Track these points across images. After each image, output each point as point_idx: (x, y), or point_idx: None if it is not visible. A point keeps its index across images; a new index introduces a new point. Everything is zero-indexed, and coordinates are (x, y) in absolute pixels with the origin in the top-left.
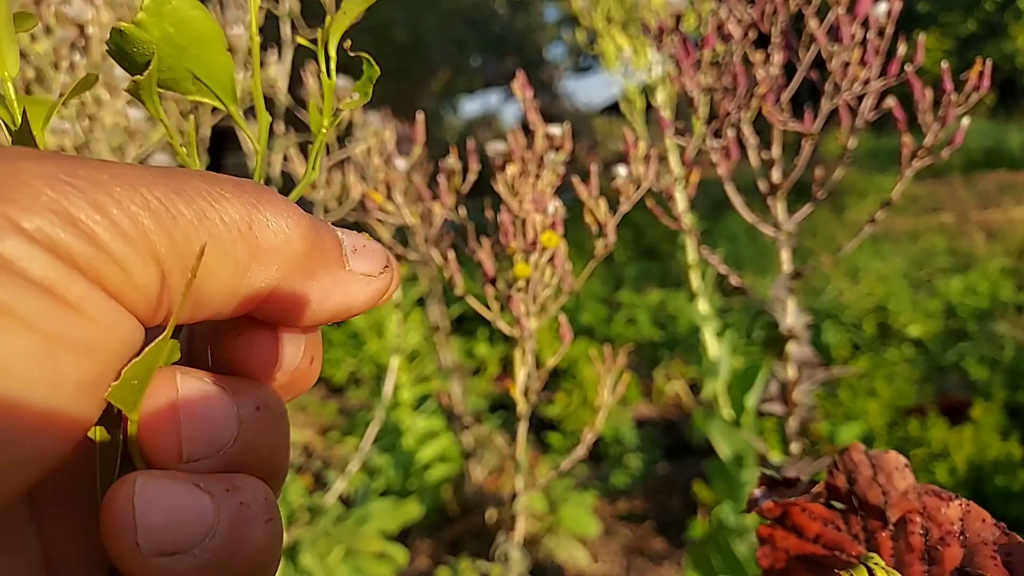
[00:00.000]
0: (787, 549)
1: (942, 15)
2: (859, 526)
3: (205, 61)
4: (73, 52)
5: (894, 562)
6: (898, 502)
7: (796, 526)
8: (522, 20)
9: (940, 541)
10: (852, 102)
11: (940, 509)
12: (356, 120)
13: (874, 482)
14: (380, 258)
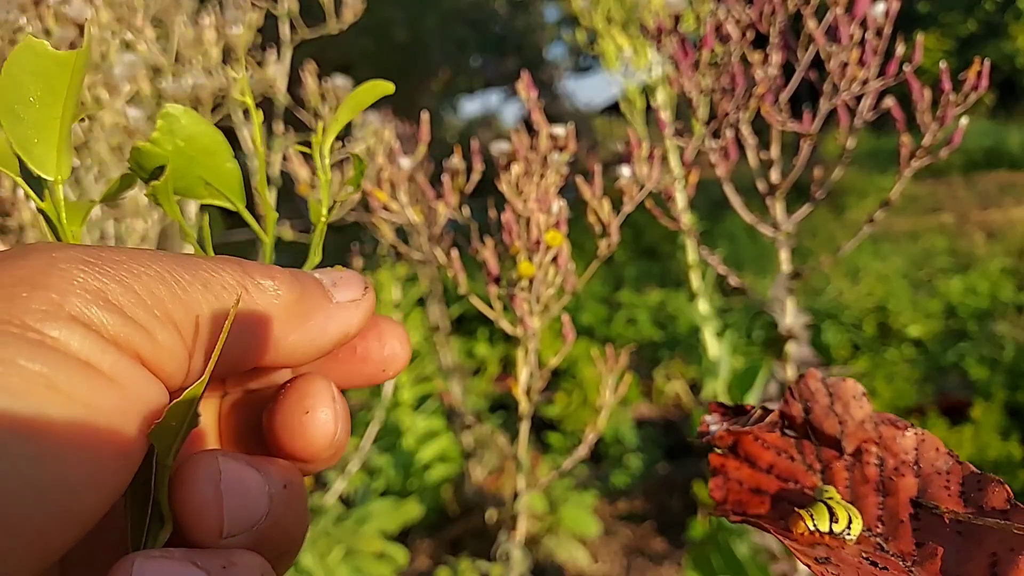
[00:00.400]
0: (740, 480)
1: (942, 15)
2: (814, 456)
3: (214, 168)
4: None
5: (849, 493)
6: (854, 432)
7: (749, 456)
8: (522, 20)
9: (895, 471)
10: (851, 102)
11: (895, 439)
12: (356, 120)
13: (831, 411)
14: (358, 283)
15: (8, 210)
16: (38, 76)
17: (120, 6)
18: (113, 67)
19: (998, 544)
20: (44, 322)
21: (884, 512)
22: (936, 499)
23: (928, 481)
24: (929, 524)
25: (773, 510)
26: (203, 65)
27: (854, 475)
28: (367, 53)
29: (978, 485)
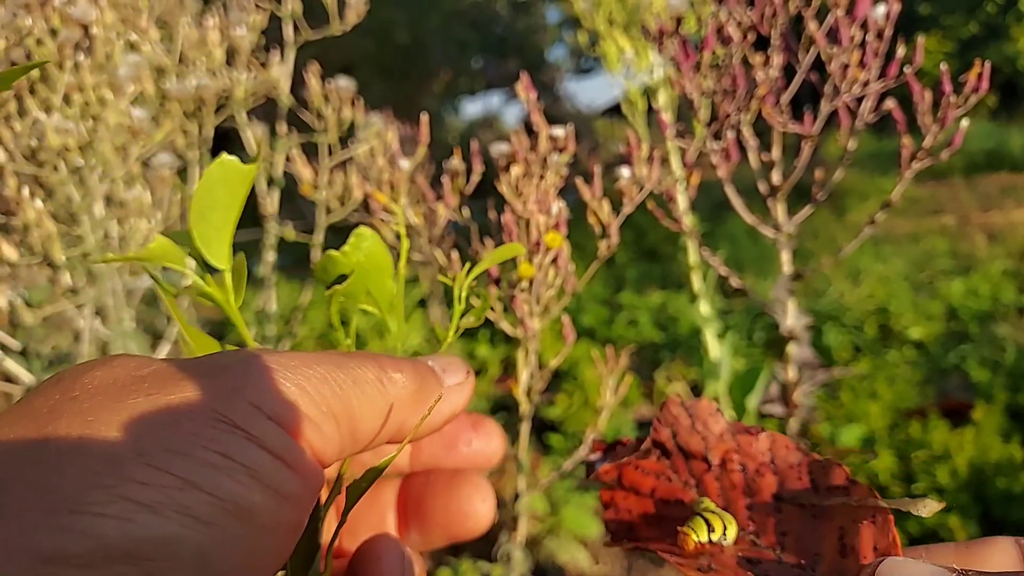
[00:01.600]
0: (629, 509)
1: (943, 17)
2: (687, 472)
3: (379, 282)
4: (77, 52)
5: (723, 500)
6: (716, 445)
7: (633, 485)
8: (524, 22)
9: (756, 473)
10: (852, 104)
11: (751, 444)
12: (358, 121)
13: (693, 430)
14: (461, 368)
15: (13, 209)
16: (225, 184)
17: (125, 7)
18: (118, 68)
19: (843, 519)
20: (250, 421)
21: (753, 511)
22: (792, 488)
23: (784, 475)
24: (789, 515)
25: (660, 531)
26: (207, 66)
27: (723, 483)
28: (368, 54)
29: (823, 471)
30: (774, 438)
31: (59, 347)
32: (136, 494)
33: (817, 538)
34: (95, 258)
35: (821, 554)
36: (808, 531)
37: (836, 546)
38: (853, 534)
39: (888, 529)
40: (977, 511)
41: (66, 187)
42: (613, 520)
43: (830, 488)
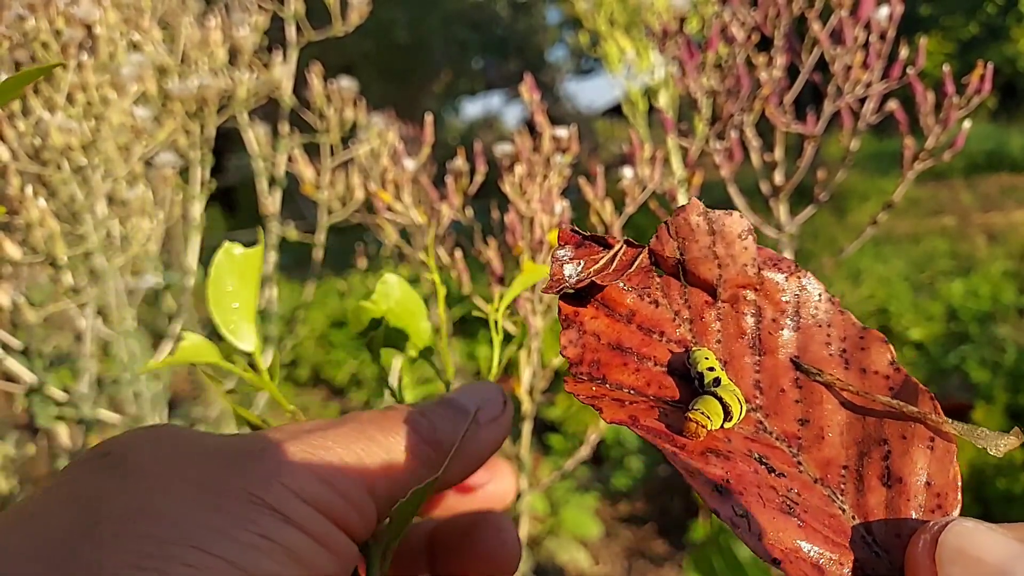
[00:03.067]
0: (597, 333)
1: (944, 18)
2: (681, 300)
3: (413, 325)
4: (81, 52)
5: (721, 350)
6: (734, 277)
7: (607, 300)
8: (524, 22)
9: (772, 324)
10: (854, 105)
11: (777, 284)
12: (360, 121)
13: (710, 252)
14: (498, 401)
15: (16, 208)
16: (234, 273)
17: (127, 7)
18: (121, 67)
19: (890, 430)
20: (286, 504)
21: (761, 376)
22: (816, 360)
23: (808, 336)
24: (811, 395)
25: (630, 374)
26: (209, 66)
27: (726, 328)
28: (369, 55)
29: (861, 342)
30: (806, 281)
31: (60, 347)
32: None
33: (854, 447)
34: (139, 368)
35: (858, 474)
36: (841, 432)
37: (880, 469)
38: (902, 457)
39: (950, 463)
40: (977, 512)
41: (69, 186)
42: (575, 344)
43: (866, 370)
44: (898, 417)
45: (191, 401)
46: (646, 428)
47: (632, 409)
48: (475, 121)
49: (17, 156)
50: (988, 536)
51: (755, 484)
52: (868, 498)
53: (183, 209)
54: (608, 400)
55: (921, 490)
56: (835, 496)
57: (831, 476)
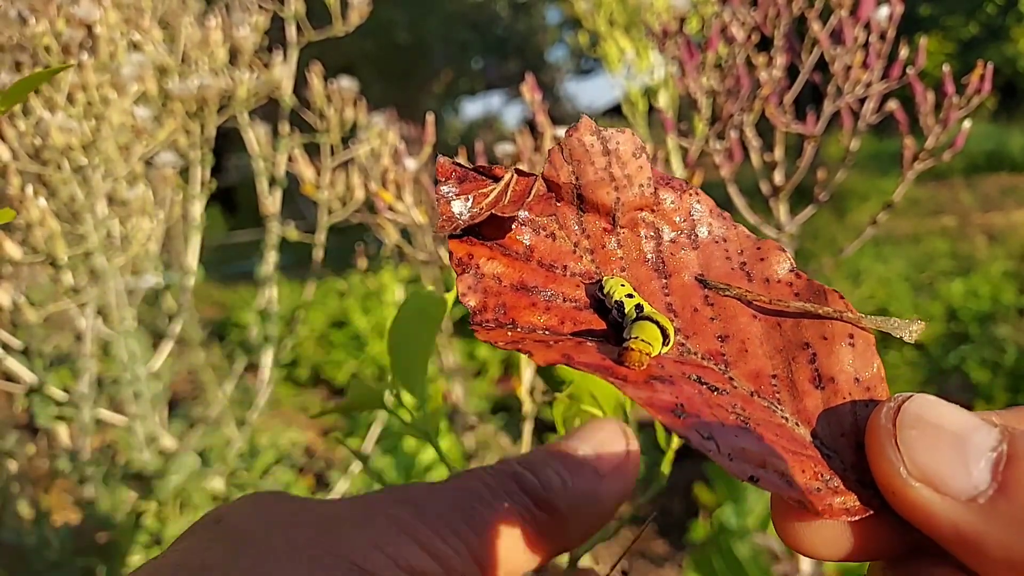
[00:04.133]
0: (497, 276)
1: (944, 18)
2: (578, 230)
3: (599, 385)
4: (81, 52)
5: (628, 277)
6: (632, 200)
7: (501, 240)
8: (524, 23)
9: (673, 244)
10: (854, 105)
11: (676, 203)
12: (360, 121)
13: (607, 175)
14: (618, 443)
15: (17, 208)
16: (422, 317)
17: (128, 7)
18: (121, 67)
19: (811, 334)
20: (383, 570)
21: (672, 298)
22: (719, 275)
23: (708, 253)
24: (724, 310)
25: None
26: (210, 66)
27: (628, 253)
28: (369, 55)
29: (758, 253)
30: (699, 198)
31: (60, 347)
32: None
33: (777, 356)
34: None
35: (789, 381)
36: (760, 342)
37: (809, 372)
38: (828, 356)
39: (871, 355)
40: None
41: (69, 186)
42: (475, 290)
43: (769, 281)
44: (814, 318)
45: (191, 401)
46: (584, 363)
47: (561, 348)
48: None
49: (18, 156)
50: (948, 408)
51: (705, 404)
52: (805, 403)
53: (183, 209)
54: (531, 342)
55: (852, 386)
56: (774, 406)
57: (764, 387)
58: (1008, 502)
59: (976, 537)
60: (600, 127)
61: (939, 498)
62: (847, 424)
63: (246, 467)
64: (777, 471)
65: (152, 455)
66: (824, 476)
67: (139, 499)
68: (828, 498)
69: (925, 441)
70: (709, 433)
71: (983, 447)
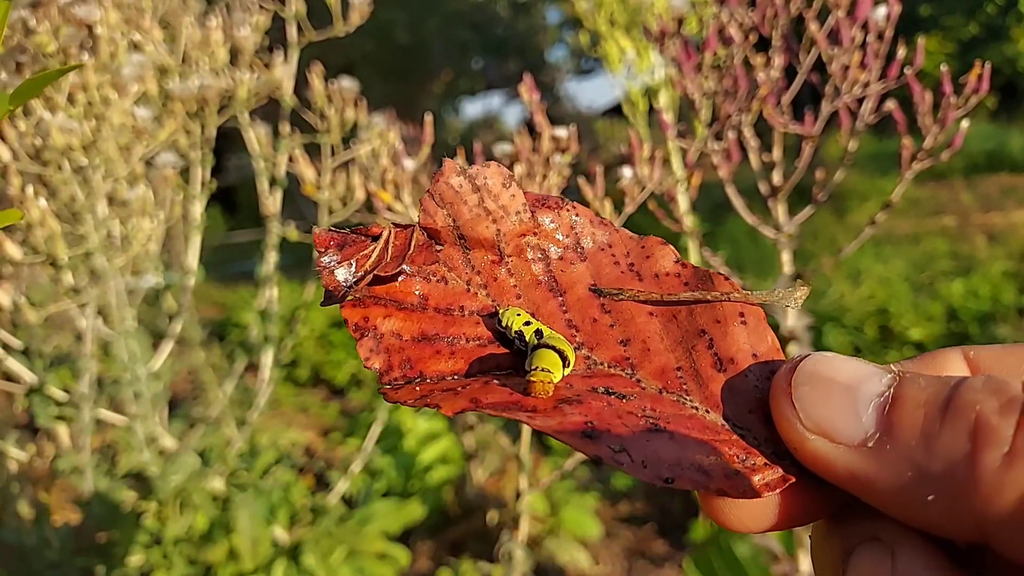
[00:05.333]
0: (397, 332)
1: (944, 18)
2: (466, 267)
3: None
4: (81, 52)
5: (526, 303)
6: (513, 228)
7: (393, 295)
8: (524, 23)
9: (561, 261)
10: (852, 105)
11: (553, 222)
12: (361, 121)
13: (482, 210)
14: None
15: (17, 208)
16: None
17: (128, 7)
18: (121, 67)
19: (704, 321)
20: None
21: (570, 313)
22: (612, 281)
23: (597, 262)
24: (621, 315)
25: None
26: (210, 66)
27: (520, 280)
28: (369, 55)
29: (643, 251)
30: (577, 211)
31: (60, 347)
32: None
33: (678, 348)
34: None
35: (693, 370)
36: (660, 338)
37: (710, 358)
38: (723, 338)
39: (763, 329)
40: None
41: (70, 186)
42: (377, 352)
43: (659, 276)
44: (704, 303)
45: (191, 401)
46: (492, 405)
47: (468, 392)
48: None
49: (18, 156)
50: (843, 361)
51: (615, 416)
52: (711, 388)
53: (183, 209)
54: (439, 393)
55: (751, 363)
56: (683, 398)
57: (671, 382)
58: (893, 441)
59: (869, 478)
60: (464, 167)
61: (833, 447)
62: (752, 399)
63: (246, 467)
64: (692, 465)
65: (152, 455)
66: (740, 457)
67: (139, 499)
68: (747, 478)
69: (818, 394)
70: (620, 445)
71: (872, 393)
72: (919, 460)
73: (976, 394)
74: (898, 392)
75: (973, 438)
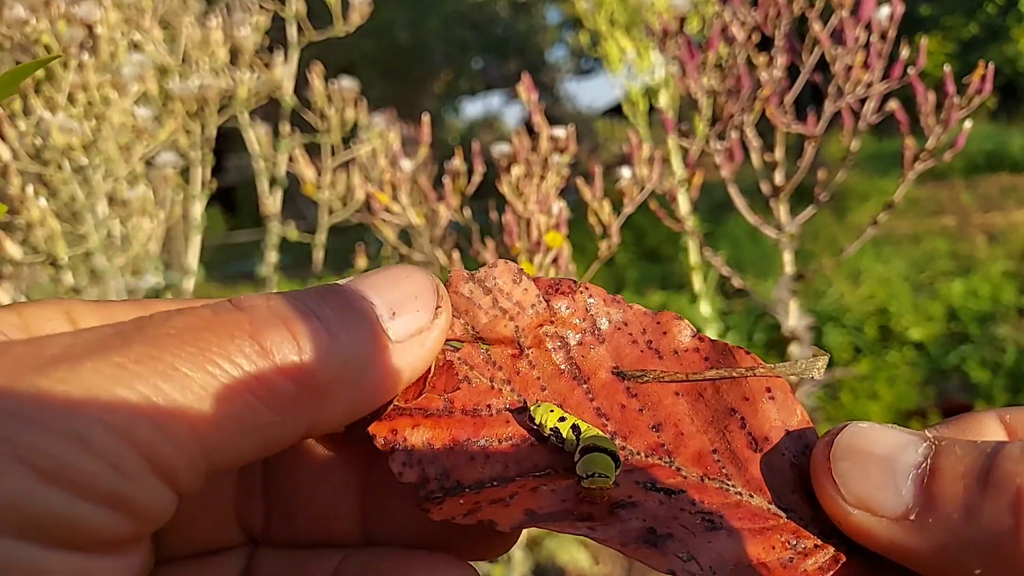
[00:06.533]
0: (429, 444)
1: (944, 18)
2: (486, 364)
3: None
4: (82, 52)
5: (553, 396)
6: (531, 322)
7: (417, 406)
8: (524, 22)
9: (581, 347)
10: (855, 105)
11: (568, 308)
12: (361, 121)
13: (498, 311)
14: (427, 301)
15: (17, 208)
16: None
17: (128, 7)
18: (122, 67)
19: (733, 398)
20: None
21: (597, 401)
22: (631, 361)
23: (615, 344)
24: (648, 398)
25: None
26: (210, 66)
27: (543, 371)
28: (369, 55)
29: (659, 328)
30: (591, 292)
31: None
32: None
33: (710, 429)
34: None
35: (729, 452)
36: (691, 419)
37: (744, 438)
38: (753, 416)
39: (791, 403)
40: None
41: (70, 186)
42: (412, 467)
43: (678, 352)
44: (729, 379)
45: None
46: (547, 516)
47: (519, 503)
48: (475, 121)
49: (18, 156)
50: (878, 430)
51: (671, 516)
52: (750, 470)
53: (184, 209)
54: (487, 507)
55: (786, 439)
56: (725, 484)
57: (710, 467)
58: (934, 514)
59: (914, 550)
60: (471, 273)
61: (876, 520)
62: (793, 477)
63: None
64: (754, 562)
65: None
66: (791, 542)
67: None
68: (800, 565)
69: (857, 469)
70: (687, 553)
71: (909, 464)
72: (963, 532)
73: (1015, 464)
74: (936, 463)
75: (1015, 512)
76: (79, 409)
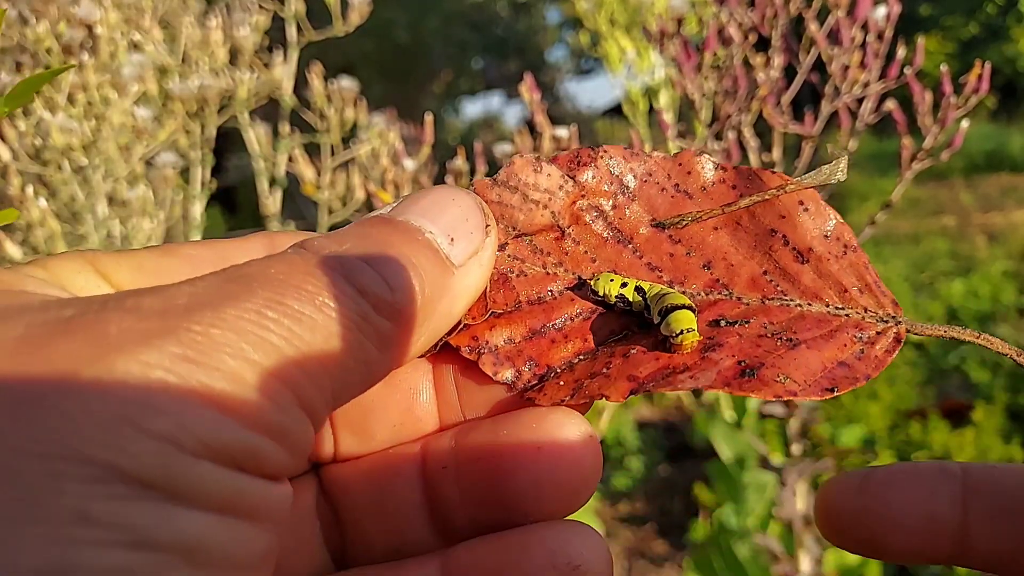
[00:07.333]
0: (508, 338)
1: (944, 18)
2: (531, 250)
3: None
4: (81, 52)
5: (605, 263)
6: (564, 202)
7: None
8: (524, 22)
9: (615, 210)
10: (852, 105)
11: (595, 176)
12: (361, 121)
13: (532, 204)
14: (477, 221)
15: (18, 208)
16: None
17: (128, 7)
18: (121, 67)
19: (770, 220)
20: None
21: (647, 256)
22: (665, 209)
23: (647, 197)
24: (691, 240)
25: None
26: (210, 66)
27: (589, 244)
28: (369, 55)
29: (681, 168)
30: (610, 154)
31: None
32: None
33: (756, 254)
34: None
35: (779, 270)
36: (736, 249)
37: (790, 254)
38: (794, 231)
39: (824, 209)
40: None
41: (70, 186)
42: (497, 362)
43: (706, 189)
44: (763, 202)
45: None
46: (649, 378)
47: (618, 371)
48: (475, 121)
49: (18, 156)
50: None
51: (754, 345)
52: (803, 281)
53: (184, 209)
54: (589, 382)
55: (827, 245)
56: (785, 300)
57: (767, 289)
58: None
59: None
60: (493, 178)
61: None
62: (840, 279)
63: None
64: (837, 365)
65: None
66: (857, 336)
67: None
68: (871, 353)
69: None
70: (782, 374)
71: None
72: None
73: None
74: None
75: None
76: (238, 353)
